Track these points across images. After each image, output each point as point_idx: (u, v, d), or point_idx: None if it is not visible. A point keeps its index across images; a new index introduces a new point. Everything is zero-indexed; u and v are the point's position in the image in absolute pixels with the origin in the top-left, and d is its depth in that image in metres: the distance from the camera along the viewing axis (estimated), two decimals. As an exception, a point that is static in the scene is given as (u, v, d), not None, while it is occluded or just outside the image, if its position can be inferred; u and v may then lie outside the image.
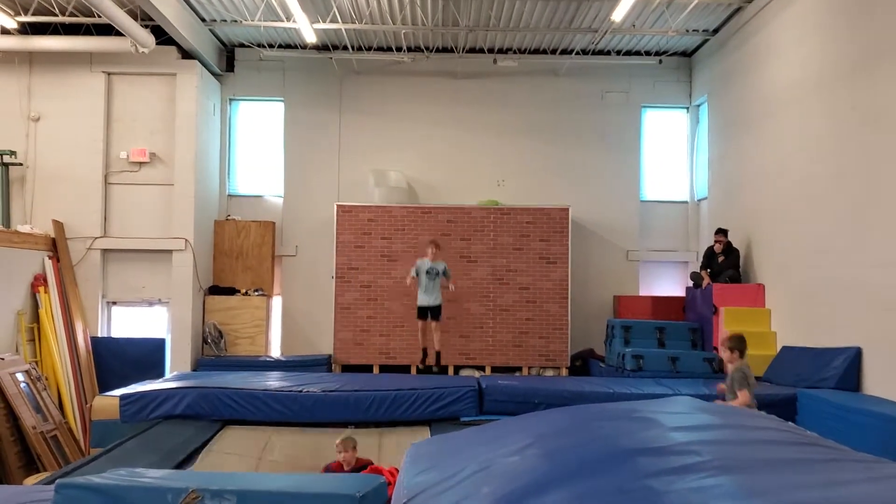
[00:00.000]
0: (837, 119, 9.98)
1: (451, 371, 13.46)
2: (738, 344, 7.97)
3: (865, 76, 9.36)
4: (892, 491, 3.09)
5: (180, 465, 8.02)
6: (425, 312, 11.87)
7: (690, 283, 13.70)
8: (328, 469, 7.70)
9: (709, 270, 12.92)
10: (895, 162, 8.70)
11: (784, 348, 11.13)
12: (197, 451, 8.58)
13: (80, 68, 13.69)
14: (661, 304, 14.23)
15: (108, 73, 13.83)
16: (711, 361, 11.79)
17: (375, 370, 13.45)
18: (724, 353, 8.20)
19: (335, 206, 13.88)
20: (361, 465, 7.64)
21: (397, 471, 5.60)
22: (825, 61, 10.36)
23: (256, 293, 14.30)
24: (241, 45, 14.99)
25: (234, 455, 8.66)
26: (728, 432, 4.30)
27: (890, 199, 8.78)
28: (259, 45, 14.74)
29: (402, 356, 13.53)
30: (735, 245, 12.80)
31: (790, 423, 5.37)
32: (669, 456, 3.61)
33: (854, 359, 9.36)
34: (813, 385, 9.59)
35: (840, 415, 8.48)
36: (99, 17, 11.89)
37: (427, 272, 11.71)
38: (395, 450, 8.54)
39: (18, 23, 12.56)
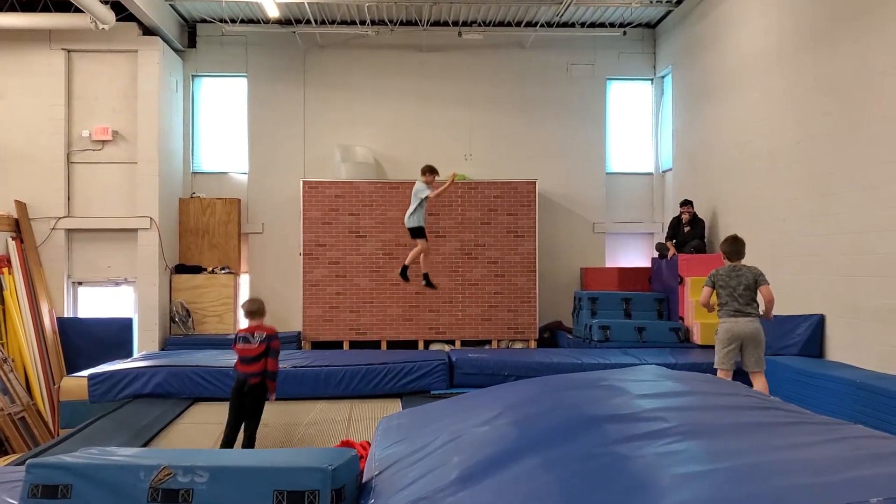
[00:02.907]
0: (799, 89, 10.08)
1: (421, 345, 13.53)
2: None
3: (826, 47, 9.46)
4: (850, 451, 3.18)
5: (151, 444, 8.02)
6: None
7: (656, 254, 13.84)
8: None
9: (674, 241, 13.05)
10: (855, 131, 8.84)
11: (748, 316, 11.30)
12: (167, 428, 8.58)
13: (39, 46, 13.39)
14: (628, 276, 14.35)
15: (68, 51, 13.57)
16: (677, 331, 11.98)
17: (346, 346, 13.47)
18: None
19: (301, 183, 13.80)
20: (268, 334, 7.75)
21: (369, 445, 5.63)
22: (786, 32, 10.45)
23: (223, 271, 14.21)
24: (203, 21, 14.76)
25: (202, 425, 8.67)
26: (694, 399, 4.39)
27: (851, 168, 8.92)
28: (221, 21, 14.53)
29: (373, 332, 13.57)
30: (700, 215, 12.93)
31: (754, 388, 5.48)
32: (637, 422, 3.68)
33: (817, 326, 9.55)
34: (778, 352, 9.76)
35: (804, 380, 8.67)
36: (56, -8, 11.67)
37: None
38: (367, 423, 8.60)
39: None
